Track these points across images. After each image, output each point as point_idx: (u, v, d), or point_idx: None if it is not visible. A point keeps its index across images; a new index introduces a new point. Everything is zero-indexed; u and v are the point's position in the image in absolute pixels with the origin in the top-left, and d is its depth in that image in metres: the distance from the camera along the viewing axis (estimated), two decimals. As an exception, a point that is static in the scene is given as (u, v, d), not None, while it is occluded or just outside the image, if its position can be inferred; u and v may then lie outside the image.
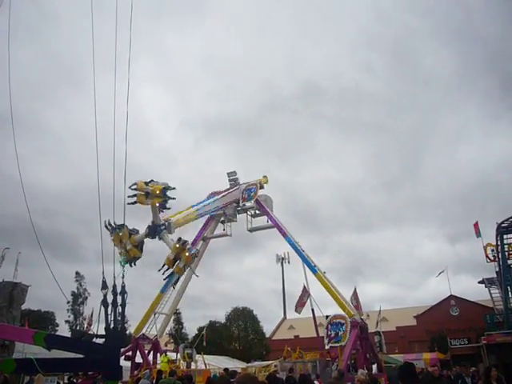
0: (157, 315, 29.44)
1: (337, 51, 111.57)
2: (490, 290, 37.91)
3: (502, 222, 31.58)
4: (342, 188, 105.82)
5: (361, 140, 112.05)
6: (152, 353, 28.25)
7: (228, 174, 32.64)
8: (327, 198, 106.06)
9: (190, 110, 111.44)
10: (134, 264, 20.61)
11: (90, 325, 28.39)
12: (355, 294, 26.07)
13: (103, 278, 8.05)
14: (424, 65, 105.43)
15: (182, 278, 30.48)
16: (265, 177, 32.45)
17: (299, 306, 30.28)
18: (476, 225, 39.09)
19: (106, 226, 18.57)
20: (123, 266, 8.18)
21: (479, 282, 40.71)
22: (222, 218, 32.25)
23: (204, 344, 33.44)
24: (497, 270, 35.82)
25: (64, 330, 49.73)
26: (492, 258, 36.69)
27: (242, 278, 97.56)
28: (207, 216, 31.46)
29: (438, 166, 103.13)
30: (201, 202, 28.18)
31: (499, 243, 32.71)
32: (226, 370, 15.64)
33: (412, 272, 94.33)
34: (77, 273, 53.65)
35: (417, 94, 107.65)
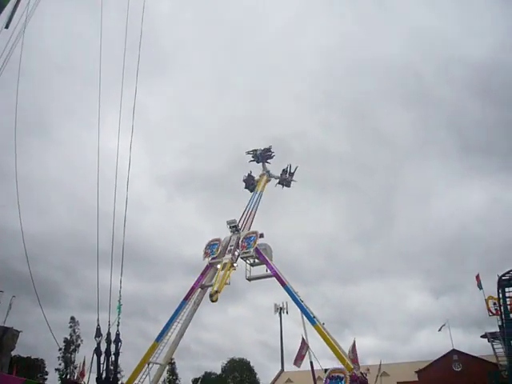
0: (150, 365, 28.52)
1: (298, 111, 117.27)
2: (493, 345, 36.86)
3: (503, 275, 31.28)
4: (319, 241, 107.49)
5: (331, 196, 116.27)
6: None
7: (228, 222, 32.51)
8: (306, 251, 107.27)
9: (162, 166, 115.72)
10: None
11: (82, 375, 27.42)
12: (354, 347, 25.39)
13: (97, 324, 7.88)
14: (383, 126, 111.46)
15: (177, 327, 29.89)
16: None
17: (299, 359, 29.36)
18: (477, 277, 38.60)
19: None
20: (119, 314, 8.04)
21: (482, 336, 39.70)
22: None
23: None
24: (499, 323, 35.04)
25: (54, 379, 48.10)
26: (494, 312, 35.95)
27: (228, 329, 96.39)
28: (206, 263, 31.28)
29: (412, 220, 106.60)
30: None
31: (501, 296, 32.23)
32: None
33: (401, 325, 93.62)
34: (72, 318, 52.48)
35: (380, 154, 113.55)
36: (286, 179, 36.59)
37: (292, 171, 36.60)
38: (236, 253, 30.44)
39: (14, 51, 14.84)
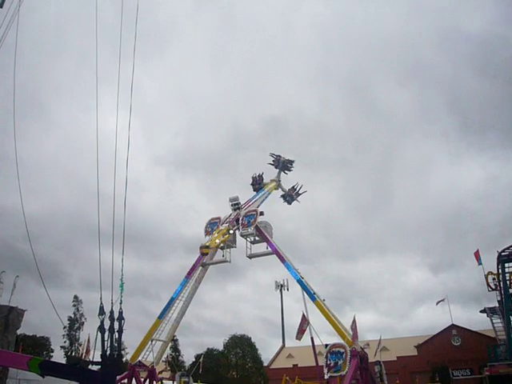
0: (154, 342, 28.97)
1: (294, 88, 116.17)
2: (492, 320, 37.37)
3: (503, 251, 31.43)
4: (317, 218, 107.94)
5: (328, 172, 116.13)
6: (148, 381, 27.69)
7: (230, 199, 32.63)
8: (304, 228, 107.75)
9: (160, 145, 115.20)
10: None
11: (88, 352, 27.88)
12: (354, 322, 25.71)
13: (101, 303, 7.97)
14: (380, 102, 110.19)
15: (179, 305, 30.24)
16: None
17: (300, 332, 29.76)
18: (477, 253, 38.89)
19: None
20: (121, 292, 8.13)
21: (481, 311, 40.23)
22: (222, 244, 32.05)
23: (200, 371, 32.77)
24: (498, 298, 35.45)
25: (59, 356, 48.90)
26: (493, 287, 36.33)
27: (229, 306, 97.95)
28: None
29: (410, 197, 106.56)
30: None
31: (500, 272, 32.48)
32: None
33: (400, 301, 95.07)
34: (75, 297, 53.06)
35: (377, 129, 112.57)
36: (291, 196, 36.16)
37: (300, 192, 36.17)
38: (234, 228, 30.87)
39: (8, 32, 14.60)
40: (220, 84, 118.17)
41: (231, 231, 30.29)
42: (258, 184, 36.20)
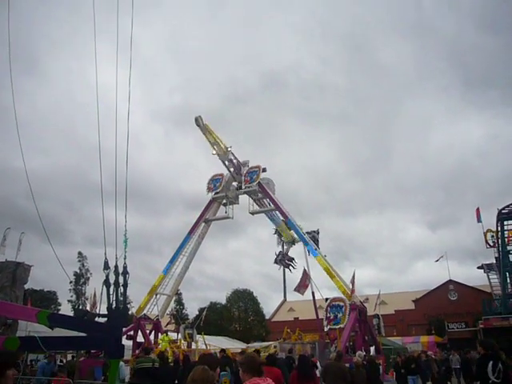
0: (158, 296, 29.75)
1: (293, 43, 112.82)
2: (488, 276, 38.11)
3: (503, 209, 31.61)
4: (316, 175, 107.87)
5: (328, 128, 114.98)
6: (153, 333, 28.64)
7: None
8: (304, 184, 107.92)
9: (158, 101, 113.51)
10: None
11: (94, 305, 28.68)
12: (353, 277, 26.24)
13: (105, 258, 8.10)
14: (381, 58, 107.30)
15: (183, 260, 30.80)
16: None
17: (302, 286, 30.37)
18: (477, 210, 39.13)
19: None
20: (125, 247, 8.25)
21: (478, 268, 40.94)
22: (224, 201, 32.28)
23: (201, 324, 33.76)
24: (496, 255, 35.98)
25: (67, 310, 50.42)
26: (492, 244, 36.81)
27: (231, 261, 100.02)
28: (209, 198, 31.67)
29: (410, 154, 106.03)
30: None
31: (499, 229, 32.80)
32: (222, 350, 15.80)
33: (399, 257, 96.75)
34: (79, 253, 54.05)
35: (377, 86, 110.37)
36: (282, 259, 34.36)
37: (291, 263, 34.00)
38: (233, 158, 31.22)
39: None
40: (217, 39, 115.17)
41: (229, 149, 30.54)
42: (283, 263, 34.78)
